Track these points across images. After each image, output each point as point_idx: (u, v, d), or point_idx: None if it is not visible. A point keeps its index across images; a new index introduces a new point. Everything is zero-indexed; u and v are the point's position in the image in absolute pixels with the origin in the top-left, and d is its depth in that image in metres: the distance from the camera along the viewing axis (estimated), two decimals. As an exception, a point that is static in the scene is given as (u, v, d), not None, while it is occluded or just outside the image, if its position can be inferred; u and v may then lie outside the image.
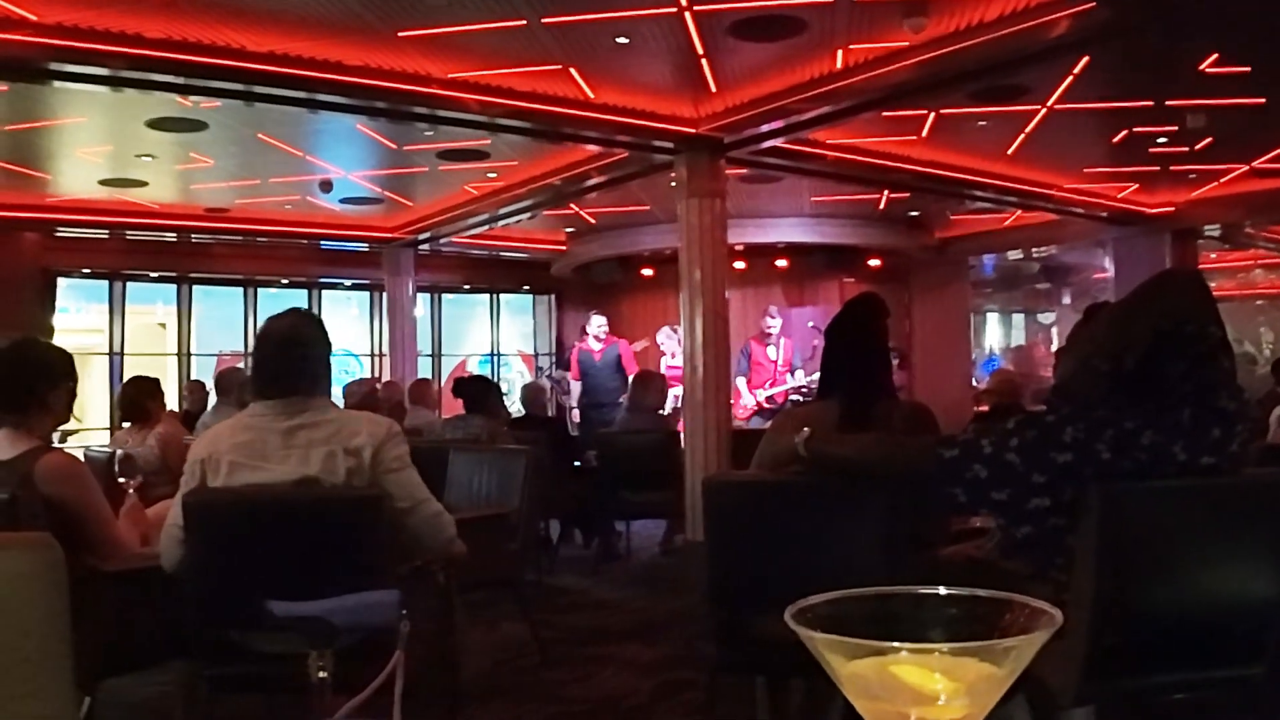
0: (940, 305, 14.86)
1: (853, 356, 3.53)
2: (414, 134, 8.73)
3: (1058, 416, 2.75)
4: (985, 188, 10.84)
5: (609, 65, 7.28)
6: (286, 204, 11.83)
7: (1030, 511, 2.73)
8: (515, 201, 11.04)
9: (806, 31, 6.65)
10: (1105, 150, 9.92)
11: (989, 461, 2.74)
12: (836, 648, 0.67)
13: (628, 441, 8.24)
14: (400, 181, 10.89)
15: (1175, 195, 12.04)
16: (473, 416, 7.23)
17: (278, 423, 3.08)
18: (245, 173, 10.32)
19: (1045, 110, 8.38)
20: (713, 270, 8.52)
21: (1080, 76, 7.49)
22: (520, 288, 16.81)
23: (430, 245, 13.83)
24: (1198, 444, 2.67)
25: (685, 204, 8.61)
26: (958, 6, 6.34)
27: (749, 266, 13.53)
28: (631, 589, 7.32)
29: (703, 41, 6.79)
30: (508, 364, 17.03)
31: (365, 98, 7.33)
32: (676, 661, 5.21)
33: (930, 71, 6.94)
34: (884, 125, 8.69)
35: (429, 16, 6.33)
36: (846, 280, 13.88)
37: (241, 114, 7.92)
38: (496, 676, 5.04)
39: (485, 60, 7.16)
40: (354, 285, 15.45)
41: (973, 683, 0.66)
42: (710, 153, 8.52)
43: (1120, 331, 2.80)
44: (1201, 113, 8.38)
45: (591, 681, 5.01)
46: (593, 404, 11.07)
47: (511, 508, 5.03)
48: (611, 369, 11.11)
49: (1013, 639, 0.67)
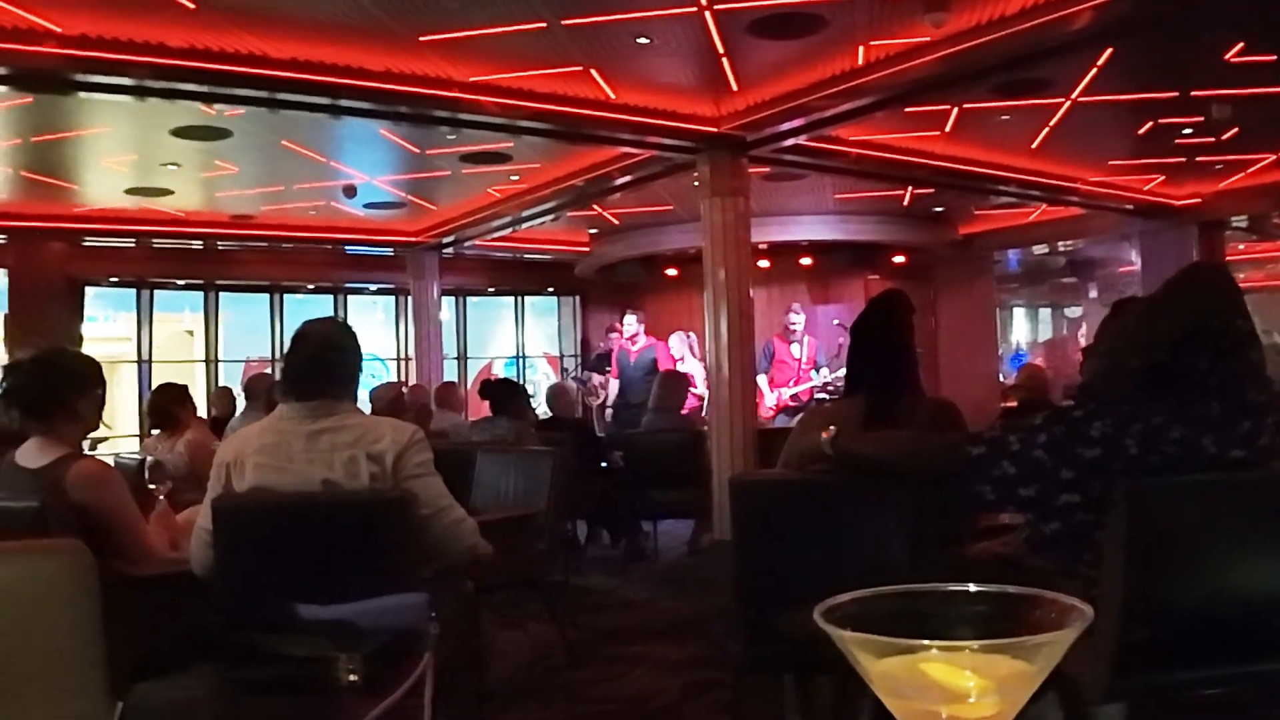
0: (965, 301, 14.81)
1: (878, 354, 3.53)
2: (436, 138, 8.76)
3: (1085, 412, 2.74)
4: (1009, 182, 10.79)
5: (630, 66, 7.28)
6: (311, 210, 11.89)
7: (1059, 508, 2.73)
8: (538, 203, 11.07)
9: (826, 28, 6.63)
10: (1130, 142, 9.84)
11: (1017, 458, 2.74)
12: (866, 646, 0.67)
13: (653, 441, 8.25)
14: (423, 185, 10.92)
15: (1202, 187, 11.95)
16: (499, 419, 7.26)
17: (303, 426, 3.10)
18: (269, 179, 10.39)
19: (1069, 103, 8.33)
20: (736, 269, 8.53)
21: (1103, 69, 7.45)
22: (544, 289, 16.85)
23: (454, 248, 13.86)
24: (1227, 437, 2.66)
25: (708, 203, 8.62)
26: (978, 0, 6.31)
27: (773, 265, 13.51)
28: (659, 589, 7.33)
29: (723, 40, 6.78)
30: (533, 366, 17.07)
31: (387, 102, 7.35)
32: (704, 661, 5.21)
33: (952, 66, 6.91)
34: (906, 121, 8.64)
35: (449, 20, 6.35)
36: (871, 277, 13.86)
37: (265, 121, 7.96)
38: (524, 677, 5.06)
39: (506, 63, 7.17)
40: (379, 290, 15.53)
41: (1004, 679, 0.66)
42: (732, 151, 8.51)
43: (1148, 327, 2.79)
44: (1227, 103, 8.32)
45: (619, 681, 5.02)
46: (626, 404, 11.09)
47: (538, 509, 5.04)
48: (646, 369, 11.14)
49: (1044, 635, 0.67)
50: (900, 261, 13.96)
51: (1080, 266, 17.86)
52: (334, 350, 3.20)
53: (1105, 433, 2.68)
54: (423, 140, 8.94)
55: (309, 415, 3.11)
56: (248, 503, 3.12)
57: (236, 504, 3.12)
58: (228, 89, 6.93)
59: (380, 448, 3.10)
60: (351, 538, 3.08)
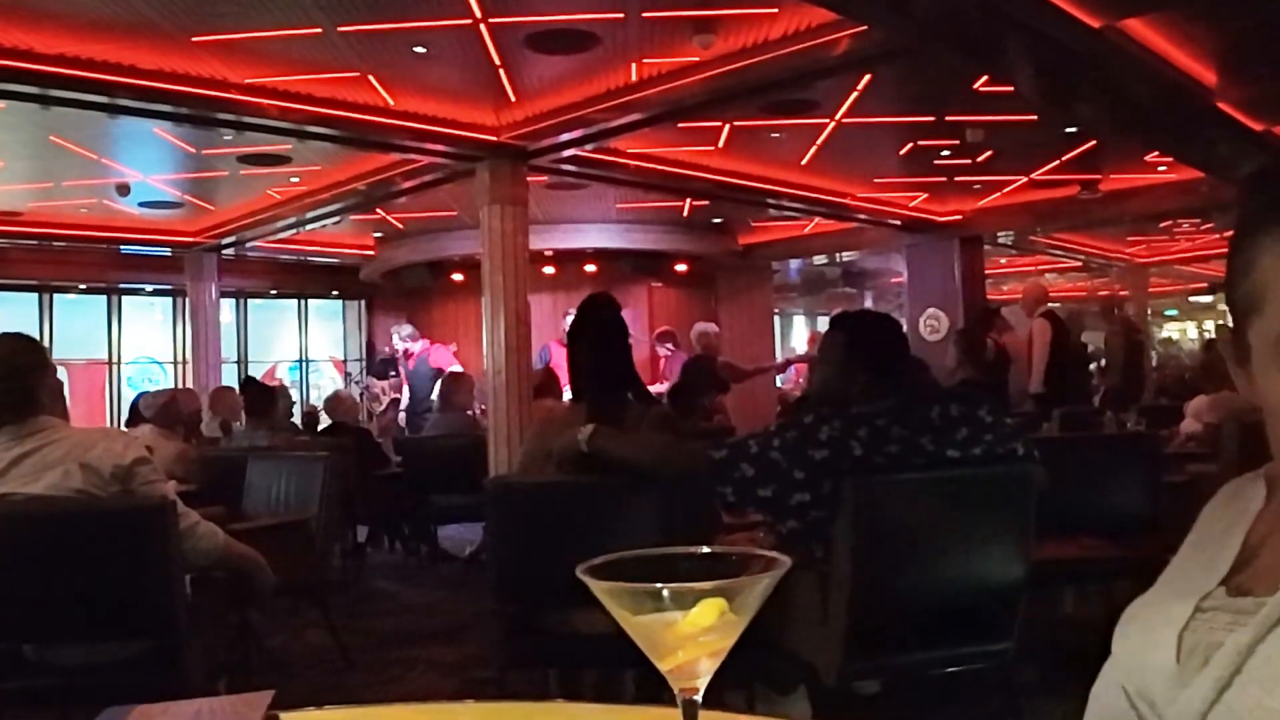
0: (746, 308, 15.25)
1: (590, 358, 3.60)
2: (213, 138, 8.56)
3: (816, 417, 2.98)
4: (782, 196, 11.18)
5: (408, 73, 7.30)
6: (83, 207, 11.42)
7: (793, 506, 2.94)
8: (320, 206, 10.91)
9: (599, 45, 6.80)
10: (894, 161, 10.37)
11: (755, 460, 2.96)
12: (616, 594, 0.83)
13: (434, 446, 8.28)
14: (201, 185, 10.64)
15: (962, 204, 12.67)
16: (261, 423, 7.22)
17: (8, 453, 3.05)
18: (37, 175, 9.95)
19: (834, 123, 8.73)
20: (515, 276, 8.60)
21: (864, 92, 7.84)
22: (329, 293, 16.58)
23: (235, 250, 13.51)
24: (944, 439, 2.94)
25: (487, 210, 8.66)
26: (744, 24, 6.57)
27: (559, 271, 13.66)
28: (439, 592, 7.35)
29: (499, 53, 6.87)
30: (318, 370, 16.80)
31: (164, 102, 7.16)
32: (480, 661, 5.30)
33: (720, 85, 7.15)
34: (681, 135, 8.90)
35: (221, 22, 6.27)
36: (654, 285, 14.14)
37: (31, 115, 7.64)
38: (300, 682, 5.05)
39: (283, 66, 7.09)
40: (156, 291, 15.00)
41: (722, 614, 0.83)
42: (512, 160, 8.60)
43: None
44: (980, 128, 8.89)
45: (395, 684, 5.05)
46: (416, 411, 11.11)
47: (310, 514, 5.05)
48: (427, 374, 11.18)
49: (750, 576, 0.84)
50: (683, 270, 14.25)
51: (855, 277, 18.58)
52: (17, 373, 3.11)
53: (832, 435, 2.92)
54: (199, 140, 8.73)
55: (14, 439, 3.07)
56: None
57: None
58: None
59: (94, 456, 3.08)
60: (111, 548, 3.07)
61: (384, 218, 12.29)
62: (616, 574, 0.85)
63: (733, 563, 0.88)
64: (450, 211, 11.58)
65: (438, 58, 6.99)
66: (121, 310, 14.91)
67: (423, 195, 10.39)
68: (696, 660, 0.85)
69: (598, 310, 3.71)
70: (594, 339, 3.62)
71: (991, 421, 2.98)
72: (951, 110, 8.50)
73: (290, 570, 4.33)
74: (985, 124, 8.77)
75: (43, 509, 3.03)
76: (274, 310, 16.39)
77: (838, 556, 2.88)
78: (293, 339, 16.52)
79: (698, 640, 0.83)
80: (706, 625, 0.82)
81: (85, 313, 14.68)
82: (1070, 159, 10.30)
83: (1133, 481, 4.46)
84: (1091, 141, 9.59)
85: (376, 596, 7.24)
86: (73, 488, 3.02)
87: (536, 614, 3.41)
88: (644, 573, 0.84)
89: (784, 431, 2.98)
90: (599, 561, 0.87)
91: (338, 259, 14.88)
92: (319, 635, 5.55)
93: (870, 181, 11.28)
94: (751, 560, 0.87)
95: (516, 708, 1.30)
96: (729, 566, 0.87)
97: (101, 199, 10.92)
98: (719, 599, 0.82)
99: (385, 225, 12.83)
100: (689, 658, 0.85)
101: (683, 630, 0.82)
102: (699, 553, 0.90)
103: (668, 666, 0.85)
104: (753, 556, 0.88)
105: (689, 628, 0.82)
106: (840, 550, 2.87)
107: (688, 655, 0.84)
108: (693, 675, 0.85)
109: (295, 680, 5.08)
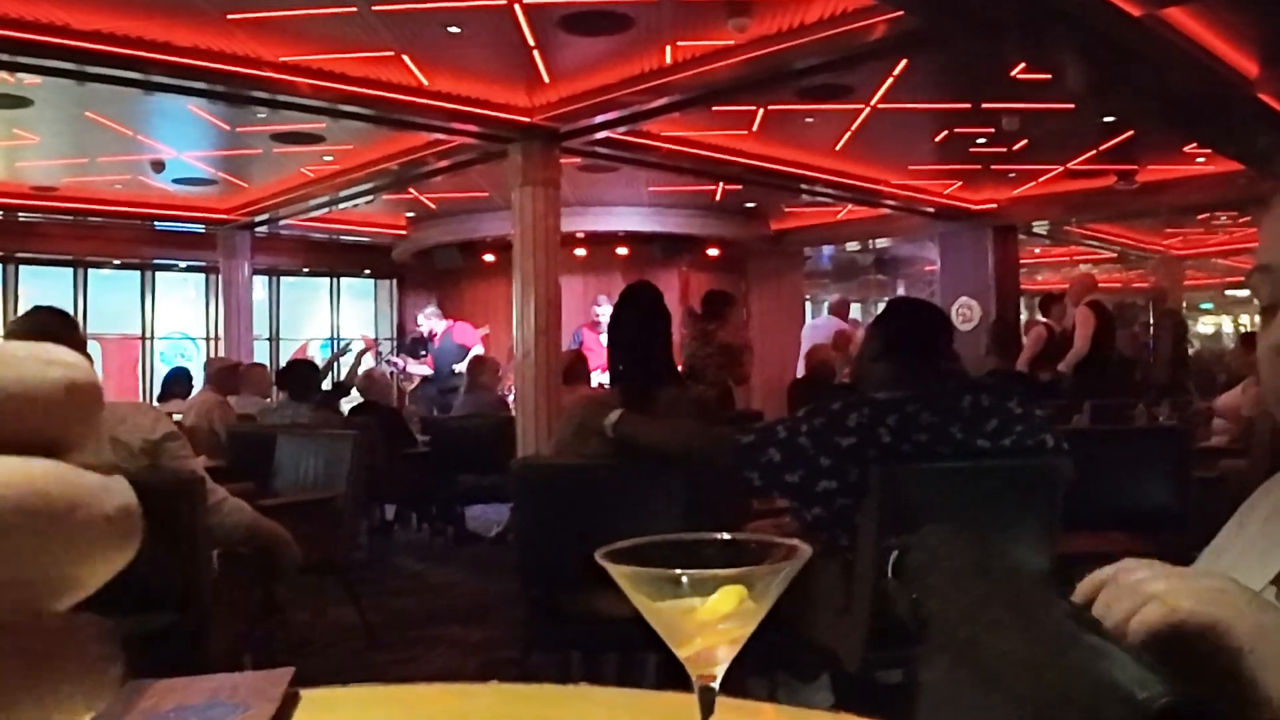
0: (776, 294, 15.21)
1: (630, 345, 3.60)
2: (247, 116, 8.60)
3: (843, 404, 2.96)
4: (815, 182, 11.14)
5: (441, 53, 7.30)
6: (117, 184, 11.51)
7: (819, 493, 2.92)
8: (353, 185, 10.95)
9: (634, 27, 6.79)
10: (929, 149, 10.33)
11: (782, 446, 2.94)
12: (635, 579, 0.83)
13: (462, 426, 8.30)
14: (234, 163, 10.71)
15: (997, 193, 12.58)
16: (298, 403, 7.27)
17: None
18: (73, 151, 10.01)
19: (869, 109, 8.69)
20: (546, 258, 8.60)
21: (900, 78, 7.80)
22: (361, 271, 16.64)
23: (268, 227, 13.61)
24: (974, 429, 2.91)
25: (519, 192, 8.67)
26: (780, 8, 6.54)
27: (590, 254, 13.66)
28: (466, 572, 7.37)
29: (534, 33, 6.87)
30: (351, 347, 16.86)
31: (199, 79, 7.20)
32: (503, 642, 5.30)
33: (755, 69, 7.14)
34: (714, 119, 8.87)
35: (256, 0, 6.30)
36: (685, 269, 14.12)
37: (68, 92, 7.69)
38: (323, 659, 5.09)
39: (318, 45, 7.12)
40: (189, 267, 15.09)
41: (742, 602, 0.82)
42: (545, 142, 8.59)
43: None
44: (1015, 116, 8.82)
45: (417, 663, 5.08)
46: (442, 389, 11.13)
47: (337, 492, 5.07)
48: (452, 350, 11.19)
49: (770, 565, 0.84)
50: (714, 254, 14.24)
51: (887, 264, 18.49)
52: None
53: (861, 422, 2.90)
54: (233, 118, 8.78)
55: None
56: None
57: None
58: (33, 59, 6.69)
59: (123, 430, 3.10)
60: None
61: (416, 197, 12.33)
62: (637, 559, 0.84)
63: (753, 551, 0.87)
64: (482, 192, 11.59)
65: (472, 38, 6.98)
66: (155, 286, 15.01)
67: (455, 175, 10.42)
68: (715, 647, 0.84)
69: (641, 296, 3.70)
70: (636, 325, 3.61)
71: (1021, 413, 2.95)
72: (987, 98, 8.44)
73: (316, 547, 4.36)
74: (1021, 112, 8.71)
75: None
76: (306, 288, 16.46)
77: (862, 545, 2.86)
78: (324, 317, 16.58)
79: (716, 628, 0.83)
80: (725, 613, 0.82)
81: (119, 288, 14.79)
82: (1107, 149, 10.20)
83: (1162, 476, 4.42)
84: (1129, 131, 9.50)
85: (401, 575, 7.26)
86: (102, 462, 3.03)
87: (559, 596, 3.41)
88: (665, 558, 0.84)
89: (812, 417, 2.95)
90: (620, 546, 0.86)
91: (370, 238, 14.94)
92: (343, 613, 5.57)
93: (904, 168, 11.22)
94: (772, 548, 0.86)
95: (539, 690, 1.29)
96: (750, 554, 0.86)
97: (136, 175, 11.00)
98: (739, 587, 0.82)
99: (417, 205, 12.87)
100: (707, 645, 0.84)
101: (701, 617, 0.82)
102: (720, 539, 0.89)
103: (686, 653, 0.85)
104: (774, 545, 0.87)
105: (708, 615, 0.82)
106: (865, 538, 2.86)
107: (706, 642, 0.84)
108: (711, 662, 0.85)
109: (318, 657, 5.11)
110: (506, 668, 4.82)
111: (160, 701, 1.14)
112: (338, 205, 12.00)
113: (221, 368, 8.10)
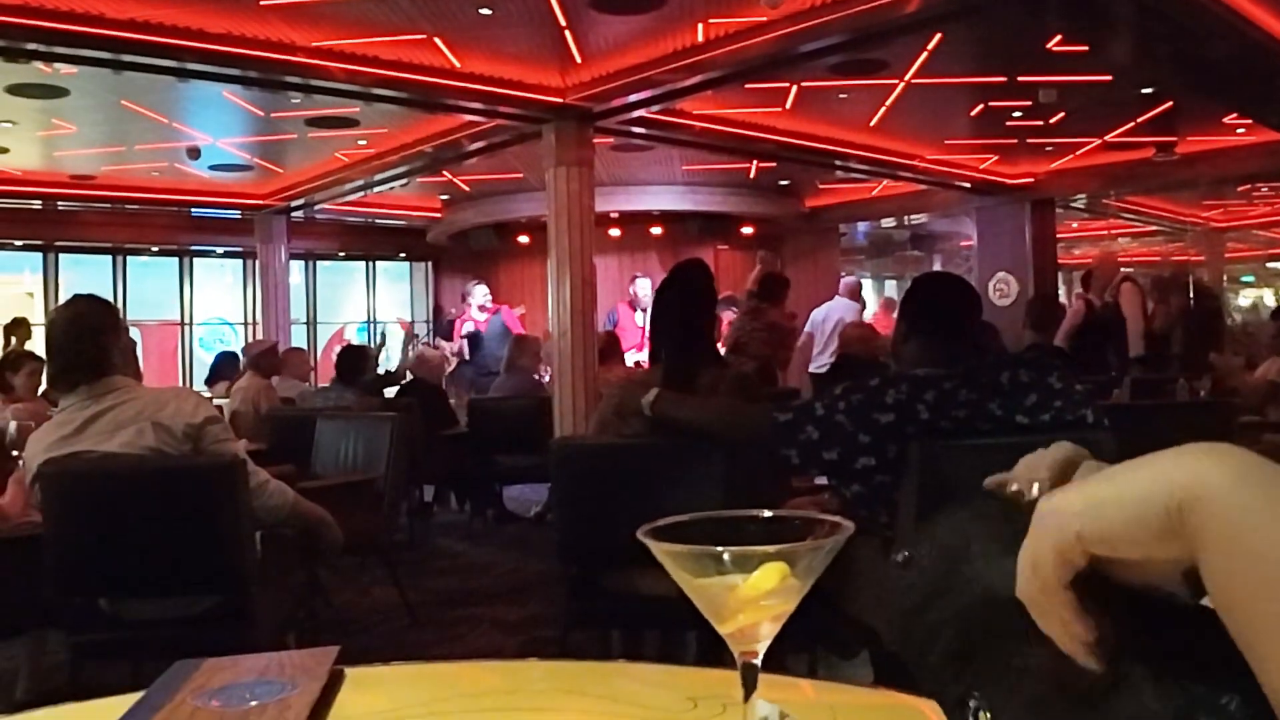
0: (812, 271, 15.11)
1: (673, 324, 3.57)
2: (281, 101, 8.65)
3: (881, 380, 2.96)
4: (850, 158, 11.09)
5: (474, 35, 7.30)
6: (154, 171, 11.62)
7: (858, 470, 2.92)
8: (387, 169, 10.99)
9: (666, 5, 6.75)
10: (965, 123, 10.23)
11: (820, 423, 2.93)
12: (677, 557, 0.82)
13: (500, 407, 8.33)
14: (270, 148, 10.78)
15: (1034, 167, 12.47)
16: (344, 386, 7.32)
17: (83, 411, 3.12)
18: (110, 139, 10.13)
19: (903, 84, 8.62)
20: (581, 238, 8.61)
21: (935, 52, 7.72)
22: (397, 255, 16.72)
23: (304, 212, 13.69)
24: (1012, 404, 2.90)
25: (553, 172, 8.67)
26: (812, -17, 6.52)
27: (624, 233, 13.66)
28: (505, 552, 7.39)
29: (565, 13, 6.85)
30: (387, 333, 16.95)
31: (233, 66, 7.25)
32: (543, 620, 5.32)
33: (788, 45, 7.08)
34: (748, 97, 8.83)
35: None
36: (720, 247, 14.09)
37: (103, 80, 7.77)
38: (366, 638, 5.14)
39: (350, 29, 7.13)
40: (226, 253, 15.22)
41: (784, 579, 0.82)
42: (578, 122, 8.58)
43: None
44: (1052, 88, 8.72)
45: (458, 642, 5.11)
46: (484, 373, 11.15)
47: (377, 474, 5.11)
48: (499, 337, 11.22)
49: (813, 541, 0.83)
50: (749, 232, 14.20)
51: (923, 240, 18.37)
52: (90, 333, 3.16)
53: (899, 399, 2.89)
54: (268, 104, 8.83)
55: (89, 398, 3.13)
56: (77, 468, 3.14)
57: (62, 469, 3.13)
58: (67, 49, 6.75)
59: (166, 414, 3.13)
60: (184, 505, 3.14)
61: (450, 180, 12.36)
62: (678, 537, 0.84)
63: (796, 527, 0.87)
64: (516, 174, 11.61)
65: (503, 19, 6.98)
66: (193, 272, 15.14)
67: (489, 157, 10.44)
68: (757, 624, 0.84)
69: (689, 274, 3.67)
70: (681, 302, 3.58)
71: (1061, 388, 2.93)
72: (1024, 70, 8.35)
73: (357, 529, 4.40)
74: (1058, 84, 8.59)
75: (117, 466, 3.10)
76: (342, 272, 16.55)
77: (901, 521, 2.85)
78: (361, 300, 16.68)
79: (759, 604, 0.83)
80: (768, 589, 0.82)
81: (158, 274, 14.93)
82: (1145, 120, 10.08)
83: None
84: (1168, 102, 9.39)
85: (442, 555, 7.30)
86: (146, 446, 3.08)
87: (600, 574, 3.42)
88: (706, 536, 0.84)
89: (850, 394, 2.95)
90: (661, 524, 0.86)
91: (405, 221, 15.01)
92: (385, 593, 5.63)
93: (940, 143, 11.12)
94: (815, 525, 0.86)
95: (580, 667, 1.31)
96: (792, 530, 0.86)
97: (172, 162, 11.10)
98: (781, 563, 0.81)
99: (451, 187, 12.90)
100: (750, 621, 0.84)
101: (744, 594, 0.82)
102: (762, 516, 0.89)
103: (728, 630, 0.85)
104: (816, 521, 0.87)
105: (750, 591, 0.82)
106: (904, 514, 2.85)
107: (749, 619, 0.84)
108: (753, 639, 0.85)
109: (361, 636, 5.16)
110: (547, 646, 4.85)
111: (210, 679, 1.16)
112: (372, 189, 12.05)
113: (262, 350, 8.16)
